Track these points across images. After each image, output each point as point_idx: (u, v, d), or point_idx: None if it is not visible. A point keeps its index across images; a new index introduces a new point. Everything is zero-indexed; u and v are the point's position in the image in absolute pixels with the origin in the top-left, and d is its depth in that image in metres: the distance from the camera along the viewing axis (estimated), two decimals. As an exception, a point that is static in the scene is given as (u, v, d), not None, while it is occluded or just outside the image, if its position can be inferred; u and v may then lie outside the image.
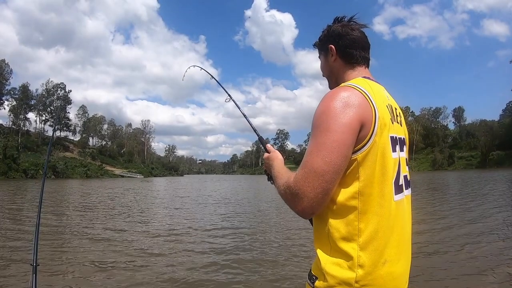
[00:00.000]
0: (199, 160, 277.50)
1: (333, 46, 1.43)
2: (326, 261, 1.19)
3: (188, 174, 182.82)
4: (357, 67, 1.41)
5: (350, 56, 1.40)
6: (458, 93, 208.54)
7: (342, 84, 1.29)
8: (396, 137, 1.30)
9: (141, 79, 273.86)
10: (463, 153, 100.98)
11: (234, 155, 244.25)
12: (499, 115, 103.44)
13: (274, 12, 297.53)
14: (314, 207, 1.17)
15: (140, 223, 10.87)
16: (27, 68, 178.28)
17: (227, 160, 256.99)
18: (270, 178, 1.50)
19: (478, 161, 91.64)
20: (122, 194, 24.71)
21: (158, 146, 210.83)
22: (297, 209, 1.20)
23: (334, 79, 1.46)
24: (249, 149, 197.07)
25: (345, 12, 1.44)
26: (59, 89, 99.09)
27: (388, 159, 1.23)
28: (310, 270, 1.27)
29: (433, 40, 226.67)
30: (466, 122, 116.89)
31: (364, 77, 1.35)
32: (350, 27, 1.41)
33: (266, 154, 1.54)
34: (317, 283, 1.20)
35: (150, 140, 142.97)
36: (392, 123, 1.29)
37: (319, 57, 1.56)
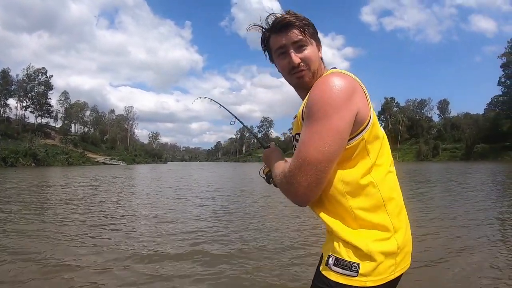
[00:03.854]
0: (183, 147, 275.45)
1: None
2: (367, 242, 1.17)
3: (171, 161, 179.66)
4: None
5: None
6: (444, 86, 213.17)
7: (333, 71, 1.27)
8: None
9: (125, 65, 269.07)
10: (447, 145, 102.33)
11: (218, 143, 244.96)
12: (483, 109, 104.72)
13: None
14: (308, 195, 1.18)
15: (105, 226, 7.95)
16: (10, 54, 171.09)
17: (211, 148, 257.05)
18: (269, 178, 1.50)
19: (463, 153, 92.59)
20: (99, 184, 21.82)
21: (142, 133, 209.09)
22: (292, 198, 1.22)
23: (316, 71, 1.33)
24: (233, 136, 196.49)
25: (332, 1, 1.24)
26: (40, 74, 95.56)
27: (383, 133, 1.28)
28: (343, 261, 1.18)
29: (421, 32, 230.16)
30: (451, 115, 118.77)
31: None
32: None
33: (265, 150, 1.53)
34: (361, 269, 1.16)
35: (134, 127, 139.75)
36: None
37: (303, 42, 1.31)
